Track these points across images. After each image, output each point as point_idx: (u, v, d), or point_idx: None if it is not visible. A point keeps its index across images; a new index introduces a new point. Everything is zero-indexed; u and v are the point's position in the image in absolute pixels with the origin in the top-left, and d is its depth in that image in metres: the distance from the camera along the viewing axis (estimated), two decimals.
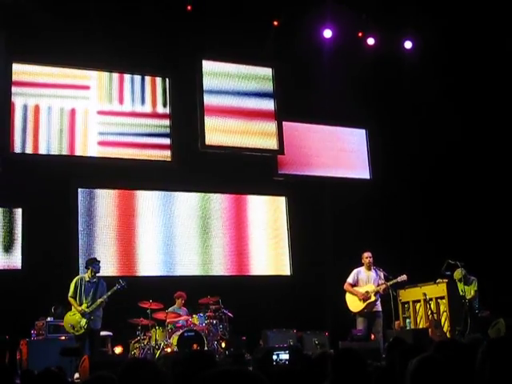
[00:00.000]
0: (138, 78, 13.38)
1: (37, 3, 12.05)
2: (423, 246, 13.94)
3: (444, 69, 14.37)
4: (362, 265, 11.01)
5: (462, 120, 14.36)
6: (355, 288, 10.85)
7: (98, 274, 10.02)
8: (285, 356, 10.41)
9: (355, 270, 10.99)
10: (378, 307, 10.82)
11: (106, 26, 12.34)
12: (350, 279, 10.94)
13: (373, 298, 10.69)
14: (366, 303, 10.70)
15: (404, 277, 10.73)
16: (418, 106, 14.53)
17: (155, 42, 12.98)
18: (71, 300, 9.80)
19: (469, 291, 11.76)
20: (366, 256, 10.94)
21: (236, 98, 13.99)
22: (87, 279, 9.89)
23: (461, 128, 14.35)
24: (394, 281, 10.69)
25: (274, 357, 10.22)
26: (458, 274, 11.70)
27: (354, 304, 10.82)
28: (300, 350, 9.82)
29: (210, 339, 10.73)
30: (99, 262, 10.20)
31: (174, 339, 10.40)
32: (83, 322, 9.60)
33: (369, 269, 10.92)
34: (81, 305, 9.72)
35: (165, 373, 3.30)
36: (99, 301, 9.74)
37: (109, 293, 9.85)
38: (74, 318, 9.67)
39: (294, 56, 14.01)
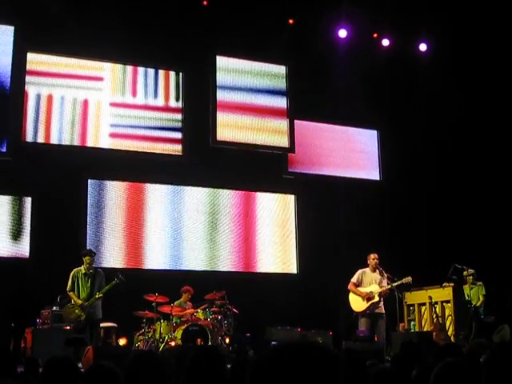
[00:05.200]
0: (151, 71, 13.39)
1: None
2: (431, 249, 13.89)
3: (458, 72, 14.30)
4: (367, 265, 11.03)
5: (475, 124, 14.31)
6: (359, 288, 10.87)
7: (94, 265, 10.17)
8: None
9: (360, 271, 11.00)
10: (381, 309, 10.83)
11: (122, 18, 12.34)
12: (354, 279, 10.96)
13: (376, 299, 10.70)
14: (369, 303, 10.70)
15: (409, 278, 10.73)
16: (431, 109, 14.48)
17: (170, 35, 12.99)
18: (70, 294, 9.95)
19: (476, 296, 11.74)
20: (373, 257, 10.95)
21: (249, 95, 13.97)
22: (84, 271, 10.00)
23: (474, 132, 14.30)
24: (399, 282, 10.70)
25: None
26: (470, 279, 11.69)
27: (356, 304, 10.83)
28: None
29: (214, 334, 10.73)
30: (95, 253, 10.39)
31: (179, 333, 10.42)
32: (83, 315, 9.73)
33: (374, 270, 10.93)
34: (79, 297, 9.85)
35: (170, 365, 3.32)
36: (97, 296, 9.85)
37: (107, 287, 9.97)
38: (73, 310, 9.80)
39: (307, 54, 13.98)
